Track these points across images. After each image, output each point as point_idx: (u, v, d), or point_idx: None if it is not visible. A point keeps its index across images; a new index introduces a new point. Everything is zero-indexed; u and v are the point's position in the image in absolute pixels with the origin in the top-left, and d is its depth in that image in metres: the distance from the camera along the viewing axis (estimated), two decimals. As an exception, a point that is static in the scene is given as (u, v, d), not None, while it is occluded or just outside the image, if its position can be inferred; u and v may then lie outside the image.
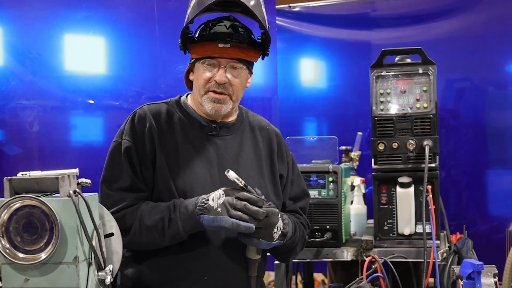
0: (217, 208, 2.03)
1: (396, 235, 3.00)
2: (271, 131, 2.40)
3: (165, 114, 2.25)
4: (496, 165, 4.14)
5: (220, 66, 2.16)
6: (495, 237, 3.98)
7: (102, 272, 1.77)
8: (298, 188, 2.44)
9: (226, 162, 2.23)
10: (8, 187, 1.69)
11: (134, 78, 3.73)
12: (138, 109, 2.27)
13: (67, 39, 3.67)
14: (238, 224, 2.03)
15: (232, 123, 2.30)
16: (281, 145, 2.40)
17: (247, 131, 2.33)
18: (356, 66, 4.37)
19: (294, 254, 2.38)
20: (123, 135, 2.20)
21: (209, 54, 2.16)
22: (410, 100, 3.02)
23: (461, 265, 2.21)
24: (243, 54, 2.18)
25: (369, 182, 3.51)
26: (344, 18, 4.50)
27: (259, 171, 2.29)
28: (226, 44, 2.14)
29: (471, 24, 4.15)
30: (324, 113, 4.61)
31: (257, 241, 2.10)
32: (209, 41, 2.16)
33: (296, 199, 2.42)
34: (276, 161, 2.35)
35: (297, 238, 2.30)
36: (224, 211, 2.03)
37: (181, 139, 2.21)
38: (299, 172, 2.48)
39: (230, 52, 2.15)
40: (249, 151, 2.30)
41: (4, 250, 1.66)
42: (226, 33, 2.16)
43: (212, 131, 2.25)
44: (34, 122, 3.50)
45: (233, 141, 2.28)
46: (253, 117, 2.41)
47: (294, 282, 4.02)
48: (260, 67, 4.39)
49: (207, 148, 2.22)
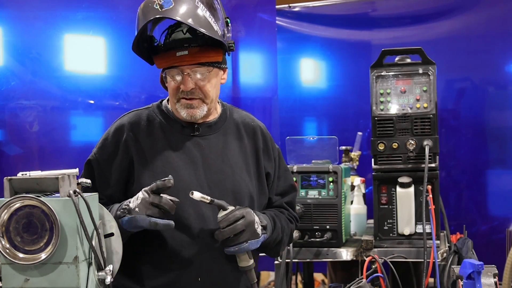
0: (135, 208, 2.02)
1: (396, 235, 3.01)
2: (256, 127, 2.35)
3: (145, 121, 2.24)
4: (496, 165, 4.15)
5: (184, 74, 2.13)
6: (495, 237, 3.98)
7: (102, 272, 1.77)
8: (285, 183, 2.40)
9: (212, 162, 2.21)
10: (8, 187, 1.69)
11: (134, 78, 3.74)
12: (117, 120, 2.27)
13: (67, 39, 3.67)
14: (156, 222, 2.01)
15: (214, 121, 2.27)
16: (267, 141, 2.36)
17: (231, 128, 2.31)
18: (356, 66, 4.37)
19: (282, 246, 2.36)
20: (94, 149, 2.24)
21: (169, 64, 2.14)
22: (410, 100, 3.02)
23: (461, 265, 2.21)
24: (203, 58, 2.13)
25: (369, 182, 3.51)
26: (344, 18, 4.50)
27: (245, 168, 2.27)
28: (184, 52, 2.10)
29: (471, 24, 4.15)
30: (324, 113, 4.61)
31: (247, 244, 2.08)
32: (168, 51, 2.13)
33: (284, 194, 2.40)
34: (262, 158, 2.32)
35: (280, 228, 2.28)
36: (142, 210, 2.01)
37: (163, 144, 2.20)
38: (286, 167, 2.44)
39: (188, 59, 2.11)
40: (234, 149, 2.27)
41: (4, 250, 1.66)
42: (184, 39, 2.12)
43: (194, 131, 2.23)
44: (34, 122, 3.50)
45: (217, 139, 2.26)
46: (237, 114, 2.37)
47: (294, 282, 4.02)
48: (260, 67, 4.40)
49: (190, 149, 2.21)
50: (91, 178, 2.09)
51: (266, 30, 4.36)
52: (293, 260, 3.09)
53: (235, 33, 4.03)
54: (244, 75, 4.29)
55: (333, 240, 3.06)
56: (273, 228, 2.24)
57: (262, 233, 2.14)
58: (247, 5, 4.29)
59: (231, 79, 4.16)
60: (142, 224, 2.02)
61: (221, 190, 2.19)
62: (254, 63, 4.41)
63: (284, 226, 2.31)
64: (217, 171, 2.21)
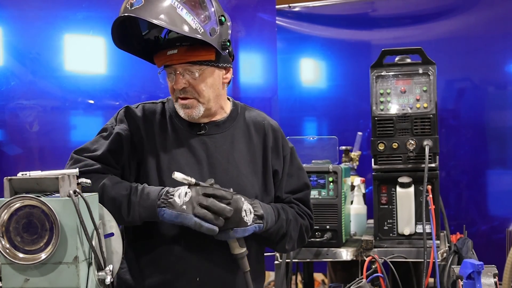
0: (183, 205, 2.02)
1: (396, 235, 3.01)
2: (267, 126, 2.34)
3: (159, 114, 2.26)
4: (496, 165, 4.15)
5: (176, 72, 2.15)
6: (495, 237, 3.98)
7: (102, 272, 1.77)
8: (298, 181, 2.37)
9: (217, 161, 2.21)
10: (8, 187, 1.69)
11: (134, 78, 3.74)
12: (134, 106, 2.28)
13: (67, 39, 3.67)
14: (201, 224, 2.01)
15: (223, 120, 2.28)
16: (277, 140, 2.34)
17: (241, 128, 2.30)
18: (356, 66, 4.38)
19: (290, 241, 2.30)
20: (118, 122, 2.22)
21: (162, 63, 2.17)
22: (410, 100, 3.02)
23: (461, 265, 2.21)
24: (192, 56, 2.14)
25: (369, 182, 3.51)
26: (344, 18, 4.50)
27: (252, 168, 2.26)
28: (174, 51, 2.13)
29: (471, 24, 4.15)
30: (324, 113, 4.61)
31: (232, 232, 2.08)
32: (162, 50, 2.16)
33: (295, 192, 2.36)
34: (270, 156, 2.30)
35: (285, 221, 2.24)
36: (190, 208, 2.01)
37: (172, 140, 2.22)
38: (299, 165, 2.40)
39: (177, 57, 2.13)
40: (242, 148, 2.27)
41: (4, 250, 1.66)
42: (175, 38, 2.14)
43: (201, 130, 2.24)
44: (34, 122, 3.50)
45: (223, 139, 2.25)
46: (249, 113, 2.36)
47: (294, 282, 4.02)
48: (260, 67, 4.40)
49: (196, 148, 2.21)
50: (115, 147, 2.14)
51: (266, 30, 4.36)
52: (293, 260, 3.09)
53: (235, 33, 4.04)
54: (244, 75, 4.29)
55: (333, 240, 3.06)
56: (276, 219, 2.21)
57: (254, 222, 2.12)
58: (247, 5, 4.29)
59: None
60: (187, 222, 2.02)
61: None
62: (254, 63, 4.41)
63: (291, 219, 2.27)
64: (222, 171, 2.21)
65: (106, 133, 2.21)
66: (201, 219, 2.01)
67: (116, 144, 2.17)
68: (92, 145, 2.20)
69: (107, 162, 2.16)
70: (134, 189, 2.10)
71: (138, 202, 2.07)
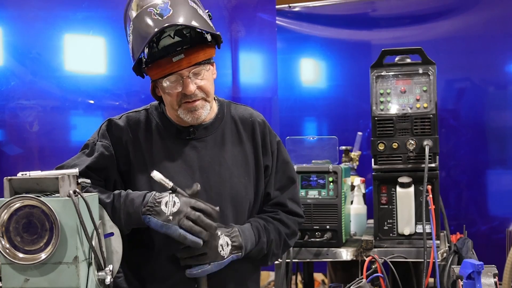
0: (169, 215, 1.97)
1: (396, 235, 3.00)
2: (254, 122, 2.29)
3: (144, 123, 2.20)
4: (496, 165, 4.15)
5: (183, 77, 2.07)
6: (495, 237, 3.98)
7: (102, 272, 1.78)
8: (283, 176, 2.32)
9: (208, 165, 2.18)
10: (8, 187, 1.69)
11: (134, 78, 3.72)
12: (117, 117, 2.23)
13: (67, 39, 3.67)
14: (185, 236, 1.97)
15: (211, 122, 2.22)
16: (265, 136, 2.29)
17: (229, 127, 2.26)
18: (356, 66, 4.37)
19: (272, 257, 2.28)
20: (99, 138, 2.18)
21: (167, 72, 2.07)
22: (410, 100, 3.02)
23: (461, 265, 2.21)
24: (200, 57, 2.07)
25: (369, 182, 3.51)
26: (344, 18, 4.50)
27: (244, 168, 2.23)
28: (180, 56, 2.04)
29: (471, 24, 4.15)
30: (324, 113, 4.61)
31: (209, 266, 2.05)
32: (162, 58, 2.06)
33: (282, 189, 2.31)
34: (261, 154, 2.27)
35: (266, 243, 2.21)
36: (176, 219, 1.97)
37: (160, 148, 2.17)
38: (285, 159, 2.34)
39: (186, 62, 2.05)
40: (232, 149, 2.23)
41: (4, 250, 1.66)
42: (176, 43, 2.05)
43: (190, 134, 2.19)
44: (34, 122, 3.50)
45: (213, 141, 2.21)
46: (235, 110, 2.31)
47: (294, 282, 4.02)
48: (260, 67, 4.40)
49: (186, 153, 2.17)
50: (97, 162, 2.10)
51: (266, 30, 4.36)
52: (293, 260, 3.09)
53: (235, 33, 4.04)
54: (244, 75, 4.29)
55: (333, 240, 3.06)
56: (256, 242, 2.18)
57: (232, 253, 2.09)
58: (247, 5, 4.29)
59: (231, 79, 4.16)
60: (171, 233, 1.98)
61: (218, 194, 2.16)
62: (254, 63, 4.41)
63: (272, 239, 2.23)
64: (215, 175, 2.18)
65: (88, 149, 2.17)
66: (187, 231, 1.98)
67: (97, 160, 2.13)
68: (73, 161, 2.15)
69: (87, 177, 2.07)
70: (117, 196, 2.06)
71: (122, 208, 2.03)
